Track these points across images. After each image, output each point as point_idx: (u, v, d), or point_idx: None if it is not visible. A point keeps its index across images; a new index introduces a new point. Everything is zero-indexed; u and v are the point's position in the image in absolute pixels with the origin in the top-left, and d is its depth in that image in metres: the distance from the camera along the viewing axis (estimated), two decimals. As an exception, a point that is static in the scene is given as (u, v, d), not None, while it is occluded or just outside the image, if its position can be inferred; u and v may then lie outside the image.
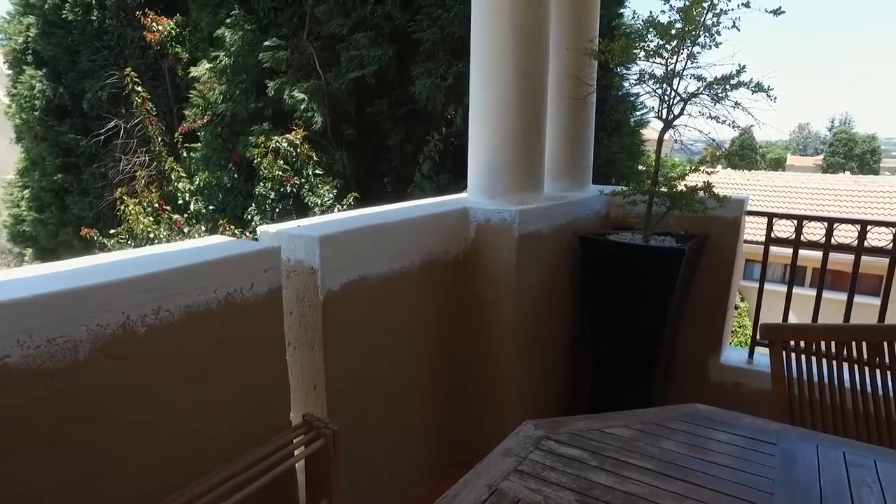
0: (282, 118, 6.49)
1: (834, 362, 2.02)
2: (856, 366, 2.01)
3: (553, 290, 2.89)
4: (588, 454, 1.45)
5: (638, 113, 5.87)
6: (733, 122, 2.75)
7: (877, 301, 2.97)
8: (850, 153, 42.89)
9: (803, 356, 2.04)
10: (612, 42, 2.82)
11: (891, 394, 1.95)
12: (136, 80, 6.77)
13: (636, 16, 2.93)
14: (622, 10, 5.91)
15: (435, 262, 2.38)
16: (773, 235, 3.13)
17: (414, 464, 2.51)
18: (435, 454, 2.61)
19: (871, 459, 1.45)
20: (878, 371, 1.98)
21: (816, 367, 2.02)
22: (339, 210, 5.64)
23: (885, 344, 1.97)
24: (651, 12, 2.79)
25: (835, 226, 3.01)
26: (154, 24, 7.66)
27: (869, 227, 2.95)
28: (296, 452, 1.74)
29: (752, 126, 2.92)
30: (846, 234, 3.05)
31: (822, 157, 45.94)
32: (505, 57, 2.52)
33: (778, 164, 43.49)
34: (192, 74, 7.29)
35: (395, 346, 2.28)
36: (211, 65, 7.07)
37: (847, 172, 33.66)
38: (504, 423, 1.80)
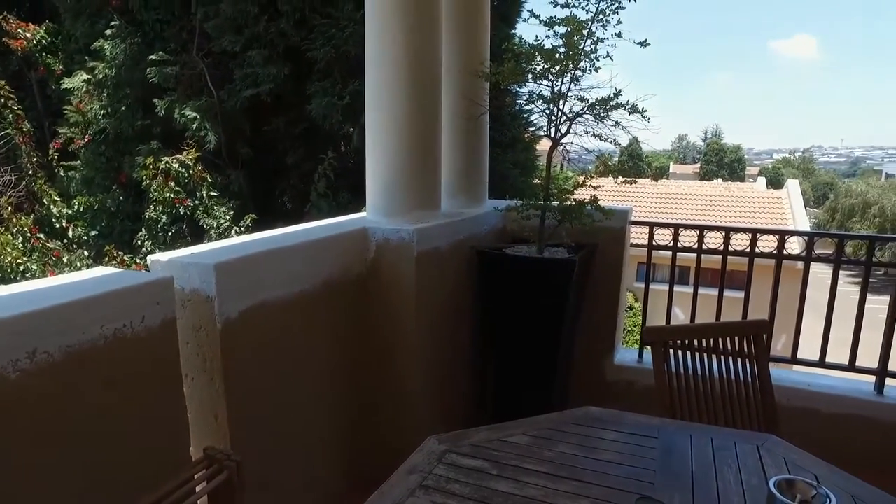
0: (172, 137, 6.20)
1: (705, 355, 2.24)
2: (723, 357, 2.25)
3: (455, 304, 2.97)
4: (489, 464, 1.52)
5: (531, 129, 6.18)
6: (615, 139, 2.97)
7: (738, 293, 3.32)
8: (721, 162, 47.28)
9: (680, 352, 2.25)
10: (502, 64, 2.97)
11: (749, 378, 2.21)
12: (10, 94, 6.17)
13: (523, 41, 3.11)
14: (513, 31, 6.21)
15: (336, 283, 2.39)
16: (654, 242, 3.42)
17: (325, 486, 2.48)
18: (346, 474, 2.60)
19: (732, 442, 1.64)
20: (739, 360, 2.23)
21: (691, 362, 2.23)
22: (236, 232, 5.46)
23: (746, 337, 2.22)
24: (537, 37, 2.98)
25: (705, 232, 3.34)
26: (19, 30, 7.01)
27: (732, 233, 3.29)
28: (197, 489, 1.67)
29: (637, 139, 3.18)
30: (715, 240, 3.38)
31: (699, 165, 50.23)
32: (399, 78, 2.58)
33: (662, 172, 47.03)
34: (65, 87, 6.76)
35: (300, 370, 2.26)
36: (89, 77, 6.60)
37: (719, 179, 37.11)
38: (412, 438, 1.84)
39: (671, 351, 2.25)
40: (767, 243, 3.31)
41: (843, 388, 3.17)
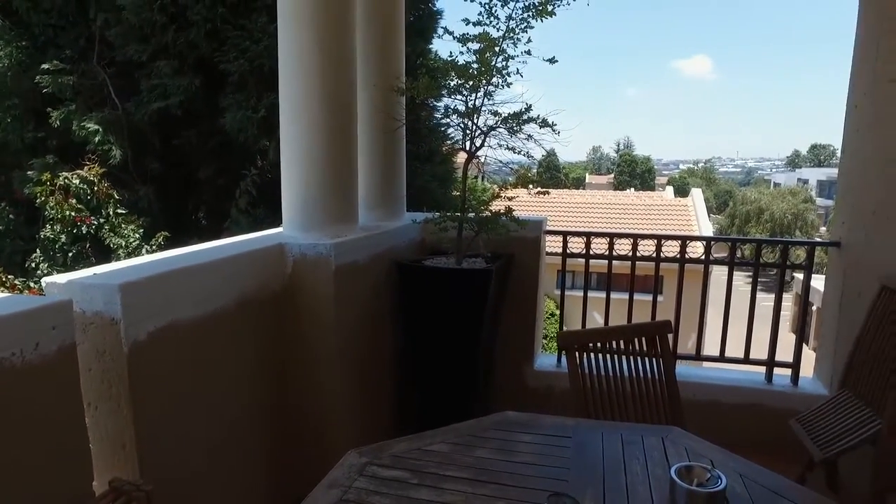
0: (71, 151, 5.81)
1: (616, 357, 2.37)
2: (632, 357, 2.38)
3: (375, 318, 2.97)
4: (409, 473, 1.53)
5: (449, 142, 6.27)
6: (527, 152, 3.08)
7: (661, 297, 3.52)
8: (633, 172, 49.94)
9: (593, 355, 2.36)
10: (417, 79, 3.02)
11: (657, 376, 2.35)
12: None
13: (438, 56, 3.18)
14: (429, 46, 6.31)
15: (252, 300, 2.33)
16: (568, 250, 3.56)
17: (244, 511, 2.40)
18: (267, 494, 2.52)
19: (640, 436, 1.74)
20: (647, 359, 2.37)
21: (603, 363, 2.34)
22: (147, 251, 5.19)
23: (651, 337, 2.37)
24: (451, 52, 3.06)
25: (615, 240, 3.52)
26: None
27: (639, 240, 3.50)
28: (102, 524, 1.58)
29: (554, 151, 3.31)
30: (626, 246, 3.57)
31: (613, 175, 52.77)
32: (313, 92, 2.56)
33: (579, 183, 49.13)
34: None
35: (216, 390, 2.18)
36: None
37: (632, 189, 39.22)
38: (335, 454, 1.82)
39: (585, 354, 2.36)
40: (674, 248, 3.53)
41: (740, 380, 3.43)
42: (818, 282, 4.44)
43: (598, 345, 2.37)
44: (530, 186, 3.23)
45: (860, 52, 3.08)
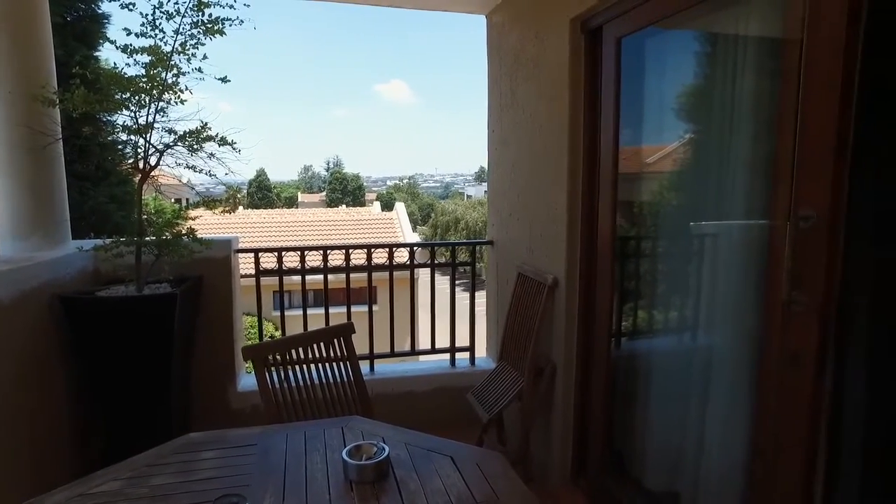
0: None
1: (305, 366, 2.48)
2: (321, 363, 2.53)
3: (39, 363, 2.56)
4: (69, 521, 1.40)
5: (128, 161, 5.67)
6: (209, 170, 3.02)
7: (376, 307, 3.75)
8: (345, 189, 51.82)
9: (284, 367, 2.44)
10: (72, 89, 2.71)
11: (346, 377, 2.55)
12: None
13: (108, 64, 2.90)
14: (97, 54, 5.62)
15: None
16: (261, 267, 3.58)
17: None
18: None
19: (321, 430, 1.89)
20: (334, 363, 2.55)
21: (292, 372, 2.44)
22: None
23: (334, 341, 2.55)
24: (115, 64, 2.83)
25: (306, 253, 3.67)
26: None
27: (329, 251, 3.71)
28: None
29: (265, 170, 3.27)
30: (319, 259, 3.74)
31: (325, 193, 53.91)
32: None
33: (292, 202, 48.97)
34: None
35: None
36: None
37: (344, 206, 40.73)
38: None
39: (276, 367, 2.42)
40: (379, 257, 3.83)
41: (429, 369, 3.92)
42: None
43: (288, 356, 2.46)
44: (231, 206, 3.16)
45: (491, 87, 3.83)
